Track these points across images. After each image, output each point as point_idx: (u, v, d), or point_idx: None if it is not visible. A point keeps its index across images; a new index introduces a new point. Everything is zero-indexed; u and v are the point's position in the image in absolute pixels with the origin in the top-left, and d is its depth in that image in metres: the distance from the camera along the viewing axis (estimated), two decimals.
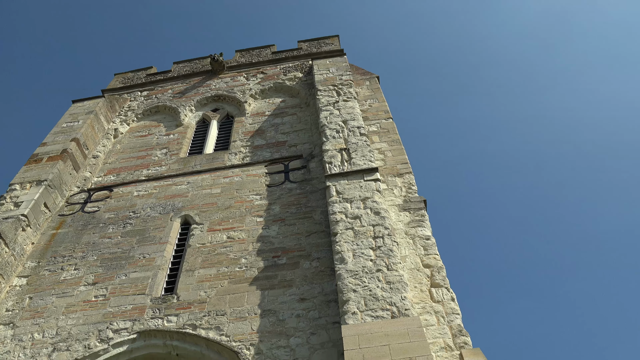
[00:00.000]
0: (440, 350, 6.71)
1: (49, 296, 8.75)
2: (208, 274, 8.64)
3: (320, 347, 7.15)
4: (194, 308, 8.06)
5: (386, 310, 6.79)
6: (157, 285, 8.65)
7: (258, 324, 7.61)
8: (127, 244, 9.64)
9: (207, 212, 10.08)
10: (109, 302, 8.44)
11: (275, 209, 9.84)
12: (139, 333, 7.83)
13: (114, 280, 8.85)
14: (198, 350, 7.51)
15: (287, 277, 8.32)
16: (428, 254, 8.17)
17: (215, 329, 7.64)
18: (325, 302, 7.77)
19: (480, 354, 6.61)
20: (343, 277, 7.40)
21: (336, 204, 8.79)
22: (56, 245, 9.90)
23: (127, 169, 12.05)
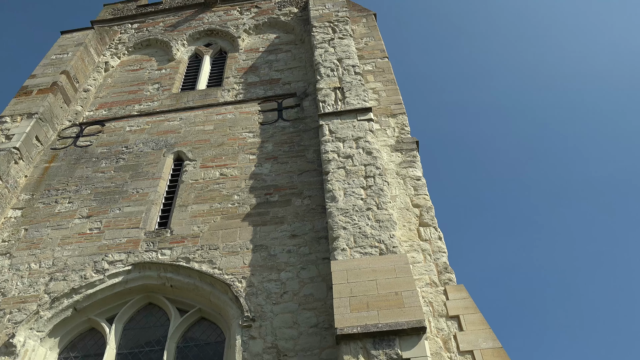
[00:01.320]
0: (425, 286, 6.96)
1: (44, 228, 8.89)
2: (201, 209, 8.77)
3: (309, 281, 7.40)
4: (188, 242, 8.24)
5: (375, 248, 6.99)
6: (151, 220, 8.79)
7: (250, 259, 7.82)
8: (121, 178, 9.70)
9: (200, 149, 10.11)
10: (104, 235, 8.60)
11: (268, 147, 9.87)
12: (134, 265, 8.04)
13: (108, 214, 8.97)
14: (192, 282, 7.74)
15: (279, 214, 8.47)
16: (418, 194, 8.30)
17: (208, 263, 7.85)
18: (316, 239, 7.96)
19: (463, 290, 6.88)
20: (334, 215, 7.55)
21: (329, 143, 8.82)
22: (49, 179, 9.95)
23: (119, 103, 11.93)
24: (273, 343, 6.76)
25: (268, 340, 6.80)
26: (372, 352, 5.55)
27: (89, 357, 7.47)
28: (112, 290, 7.88)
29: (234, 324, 7.08)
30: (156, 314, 7.87)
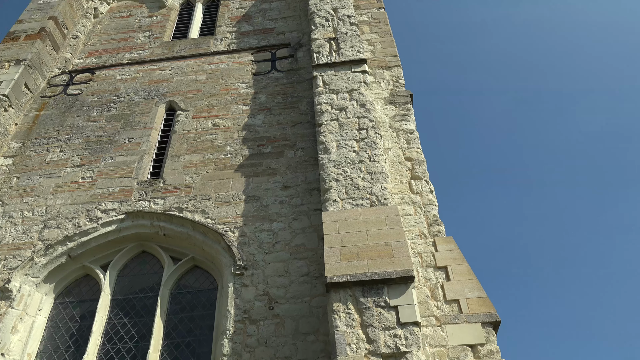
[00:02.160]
0: (415, 238, 7.08)
1: (36, 176, 8.88)
2: (193, 160, 8.77)
3: (301, 232, 7.51)
4: (180, 192, 8.28)
5: (366, 199, 7.06)
6: (144, 169, 8.79)
7: (242, 209, 7.89)
8: (112, 128, 9.63)
9: (192, 99, 10.01)
10: (96, 184, 8.61)
11: (261, 98, 9.79)
12: (127, 214, 8.10)
13: (100, 163, 8.96)
14: (184, 232, 7.83)
15: (272, 165, 8.50)
16: (410, 147, 8.32)
17: (201, 212, 7.92)
18: (308, 190, 8.03)
19: (452, 242, 7.01)
20: (326, 167, 7.58)
21: (322, 94, 8.75)
22: (40, 127, 9.86)
23: (109, 51, 11.70)
24: (265, 291, 6.92)
25: (260, 287, 6.96)
26: (361, 299, 5.71)
27: (84, 303, 7.63)
28: (106, 239, 7.97)
29: (227, 272, 7.22)
30: (150, 261, 8.00)
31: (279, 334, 6.50)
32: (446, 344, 5.95)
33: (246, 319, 6.67)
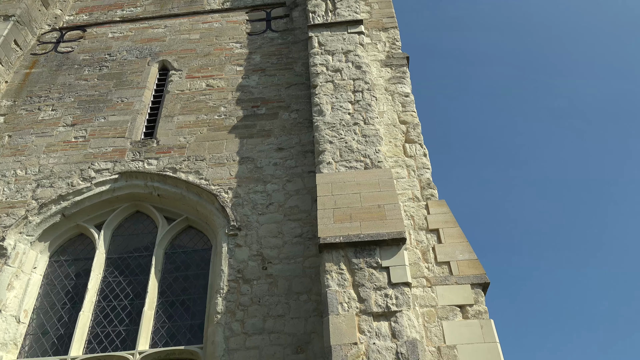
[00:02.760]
0: (408, 201, 7.14)
1: (29, 135, 8.80)
2: (187, 120, 8.71)
3: (295, 194, 7.54)
4: (174, 153, 8.25)
5: (360, 162, 7.07)
6: (137, 130, 8.73)
7: (236, 170, 7.89)
8: (104, 87, 9.51)
9: (185, 59, 9.86)
10: (89, 143, 8.56)
11: (255, 59, 9.66)
12: (121, 174, 8.08)
13: (92, 123, 8.88)
14: (178, 192, 7.85)
15: (266, 127, 8.46)
16: (406, 110, 8.29)
17: (195, 173, 7.91)
18: (302, 153, 8.02)
19: (444, 205, 7.07)
20: (320, 129, 7.56)
21: (318, 55, 8.64)
22: (31, 85, 9.72)
23: (100, 8, 11.43)
24: (258, 251, 7.00)
25: (253, 248, 7.03)
26: (354, 260, 5.79)
27: (79, 261, 7.70)
28: (100, 198, 7.98)
29: (221, 232, 7.28)
30: (144, 221, 8.04)
31: (272, 293, 6.61)
32: (436, 304, 6.08)
33: (240, 279, 6.76)
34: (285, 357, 6.10)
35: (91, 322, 7.01)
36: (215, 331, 6.35)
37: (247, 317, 6.43)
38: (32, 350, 6.89)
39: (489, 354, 5.67)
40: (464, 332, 5.84)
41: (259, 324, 6.37)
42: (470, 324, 5.91)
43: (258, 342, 6.24)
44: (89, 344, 6.83)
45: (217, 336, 6.30)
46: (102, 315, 7.08)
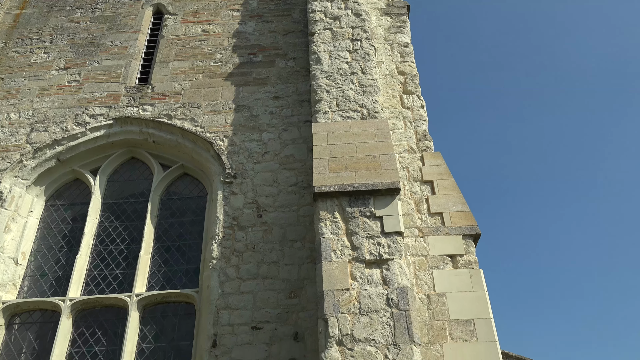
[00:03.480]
0: (403, 152, 7.15)
1: (21, 78, 8.66)
2: (182, 66, 8.57)
3: (291, 143, 7.53)
4: (169, 99, 8.17)
5: (356, 112, 7.03)
6: (131, 75, 8.60)
7: (232, 118, 7.84)
8: (98, 30, 9.29)
9: (180, 2, 9.60)
10: (83, 88, 8.44)
11: (252, 4, 9.42)
12: (115, 119, 8.02)
13: (86, 67, 8.73)
14: (174, 139, 7.82)
15: (262, 74, 8.34)
16: (404, 61, 8.17)
17: (190, 120, 7.86)
18: (299, 102, 7.96)
19: (439, 157, 7.09)
20: (317, 78, 7.47)
21: (316, 2, 8.43)
22: (22, 27, 9.48)
23: None
24: (253, 199, 7.05)
25: (249, 196, 7.08)
26: (348, 209, 5.85)
27: (75, 206, 7.74)
28: (95, 144, 7.95)
29: (216, 180, 7.31)
30: (139, 168, 8.04)
31: (267, 240, 6.72)
32: (427, 254, 6.20)
33: (235, 226, 6.84)
34: (278, 301, 6.26)
35: (88, 265, 7.13)
36: (211, 276, 6.48)
37: (241, 263, 6.55)
38: (30, 291, 7.03)
39: (477, 302, 5.84)
40: (453, 280, 5.99)
41: (254, 269, 6.50)
42: (460, 273, 6.05)
43: (252, 287, 6.38)
44: (87, 286, 6.97)
45: (213, 281, 6.44)
46: (99, 259, 7.19)
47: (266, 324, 6.12)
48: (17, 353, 6.58)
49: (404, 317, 5.12)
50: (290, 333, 6.04)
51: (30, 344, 6.65)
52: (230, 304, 6.27)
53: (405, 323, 5.08)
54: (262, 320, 6.15)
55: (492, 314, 5.84)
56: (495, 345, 5.60)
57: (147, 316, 6.67)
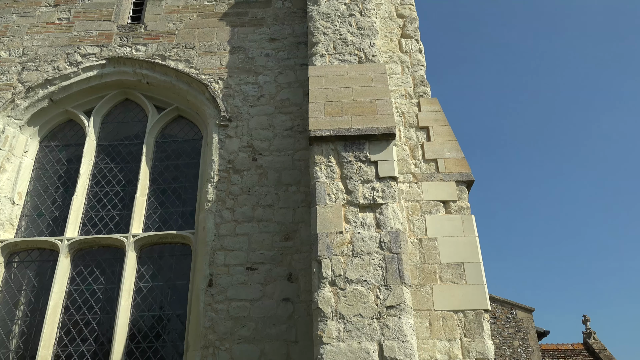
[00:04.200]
0: (400, 98, 7.09)
1: (9, 15, 8.41)
2: (176, 5, 8.33)
3: (287, 86, 7.44)
4: (163, 39, 7.99)
5: (354, 55, 6.92)
6: (123, 13, 8.37)
7: (227, 60, 7.71)
8: None
9: None
10: (74, 26, 8.22)
11: None
12: (108, 59, 7.87)
13: (76, 4, 8.47)
14: (168, 80, 7.71)
15: (258, 15, 8.13)
16: (404, 3, 7.96)
17: (185, 62, 7.72)
18: (295, 44, 7.80)
19: (436, 103, 7.05)
20: (315, 19, 7.29)
21: None
22: None
23: None
24: (249, 142, 7.04)
25: (244, 139, 7.07)
26: (343, 153, 5.86)
27: (69, 147, 7.72)
28: (88, 84, 7.83)
29: (211, 122, 7.26)
30: (133, 109, 7.97)
31: (262, 184, 6.76)
32: (420, 199, 6.27)
33: (230, 169, 6.87)
34: (273, 244, 6.37)
35: (85, 206, 7.19)
36: (206, 218, 6.56)
37: (237, 206, 6.62)
38: (28, 230, 7.12)
39: (468, 246, 5.96)
40: (445, 225, 6.09)
41: (249, 212, 6.57)
42: (452, 218, 6.14)
43: (247, 229, 6.48)
44: (84, 227, 7.05)
45: (208, 222, 6.52)
46: (95, 200, 7.24)
47: (261, 265, 6.26)
48: (18, 290, 6.74)
49: (396, 259, 5.24)
50: (285, 274, 6.19)
51: (30, 281, 6.80)
52: (226, 245, 6.39)
53: (396, 265, 5.20)
54: (257, 262, 6.28)
55: (481, 259, 5.99)
56: (483, 288, 5.77)
57: (144, 256, 6.80)
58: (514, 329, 14.07)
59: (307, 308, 5.92)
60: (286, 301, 6.04)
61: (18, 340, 6.47)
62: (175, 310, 6.45)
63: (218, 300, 6.09)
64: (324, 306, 5.04)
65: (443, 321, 5.57)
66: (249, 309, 6.03)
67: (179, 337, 6.29)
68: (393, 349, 4.83)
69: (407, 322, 4.97)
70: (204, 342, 5.88)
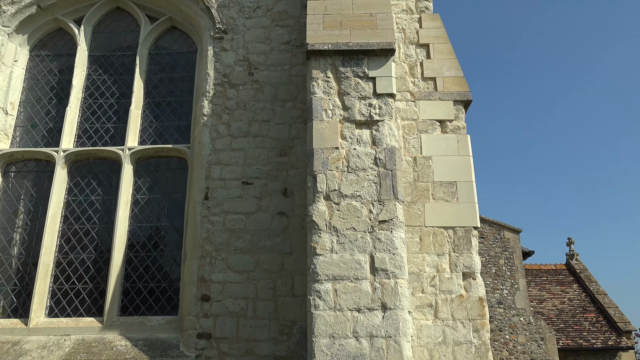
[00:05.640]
0: (401, 13, 6.87)
1: None
2: None
3: None
4: None
5: None
6: None
7: None
8: None
9: None
10: None
11: None
12: None
13: None
14: None
15: None
16: None
17: None
18: None
19: (438, 20, 6.85)
20: None
21: None
22: None
23: None
24: (245, 56, 6.89)
25: (240, 53, 6.90)
26: (341, 69, 5.75)
27: (60, 57, 7.53)
28: None
29: (206, 35, 7.06)
30: (125, 19, 7.69)
31: (258, 99, 6.69)
32: (417, 118, 6.26)
33: (226, 83, 6.76)
34: (269, 159, 6.41)
35: (79, 118, 7.13)
36: (202, 132, 6.55)
37: (232, 121, 6.59)
38: (23, 141, 7.10)
39: (462, 165, 6.03)
40: (440, 144, 6.12)
41: (245, 127, 6.56)
42: (447, 137, 6.16)
43: (243, 144, 6.50)
44: (79, 139, 7.04)
45: (204, 137, 6.52)
46: (89, 112, 7.17)
47: (256, 180, 6.33)
48: (16, 199, 6.83)
49: (390, 176, 5.30)
50: (280, 189, 6.29)
51: (28, 191, 6.88)
52: (222, 159, 6.42)
53: (390, 181, 5.28)
54: (252, 176, 6.35)
55: (474, 178, 6.08)
56: (474, 207, 5.90)
57: (140, 169, 6.84)
58: (500, 249, 14.57)
59: (302, 222, 6.07)
60: (281, 215, 6.18)
61: (20, 247, 6.64)
62: (173, 222, 6.59)
63: (214, 212, 6.21)
64: (318, 219, 5.17)
65: (433, 237, 5.74)
66: (245, 221, 6.17)
67: (176, 248, 6.48)
68: (384, 261, 5.01)
69: (399, 236, 5.12)
70: (201, 252, 6.07)
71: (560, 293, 18.97)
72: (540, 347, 13.60)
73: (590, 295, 18.65)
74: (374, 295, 4.91)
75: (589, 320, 17.62)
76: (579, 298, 18.64)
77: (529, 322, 13.81)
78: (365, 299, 4.90)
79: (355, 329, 4.82)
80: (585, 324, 17.42)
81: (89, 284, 6.40)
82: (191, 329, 5.81)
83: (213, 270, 6.00)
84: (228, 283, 5.95)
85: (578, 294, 18.87)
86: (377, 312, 4.86)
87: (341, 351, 4.75)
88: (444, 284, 5.56)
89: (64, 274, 6.44)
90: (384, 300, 4.89)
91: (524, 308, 14.01)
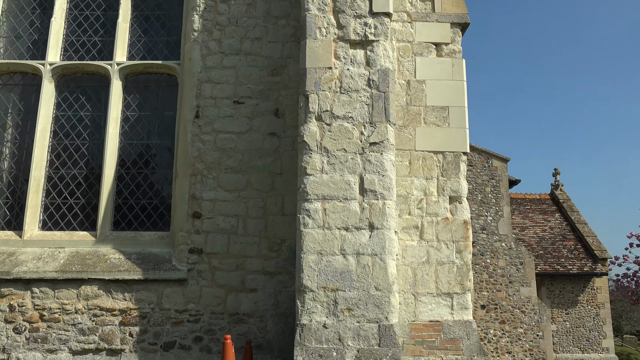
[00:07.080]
0: None
1: None
2: None
3: None
4: None
5: None
6: None
7: None
8: None
9: None
10: None
11: None
12: None
13: None
14: None
15: None
16: None
17: None
18: None
19: None
20: None
21: None
22: None
23: None
24: None
25: None
26: None
27: None
28: None
29: None
30: None
31: (250, 15, 6.48)
32: (413, 40, 6.13)
33: None
34: (260, 78, 6.32)
35: (65, 30, 6.89)
36: (192, 48, 6.39)
37: (224, 37, 6.42)
38: (7, 52, 6.89)
39: (455, 90, 6.00)
40: (435, 68, 6.05)
41: (236, 44, 6.40)
42: (442, 61, 6.08)
43: (235, 62, 6.37)
44: (65, 52, 6.84)
45: (194, 53, 6.37)
46: (75, 24, 6.93)
47: (248, 99, 6.27)
48: (4, 112, 6.74)
49: (383, 98, 5.27)
50: (272, 109, 6.24)
51: (15, 105, 6.77)
52: (213, 77, 6.32)
53: (383, 104, 5.26)
54: (244, 96, 6.28)
55: (467, 104, 6.06)
56: (464, 132, 5.93)
57: (129, 85, 6.72)
58: (487, 177, 14.78)
59: (293, 143, 6.09)
60: (272, 135, 6.18)
61: (10, 161, 6.63)
62: (163, 140, 6.57)
63: (205, 131, 6.20)
64: (309, 140, 5.18)
65: (423, 161, 5.80)
66: (236, 141, 6.17)
67: (167, 166, 6.51)
68: (373, 182, 5.09)
69: (389, 159, 5.17)
70: (192, 170, 6.11)
71: (542, 221, 19.51)
72: (519, 270, 14.17)
73: (571, 224, 19.20)
74: (362, 215, 5.03)
75: (567, 247, 18.26)
76: (560, 227, 19.21)
77: (510, 248, 14.30)
78: (354, 219, 5.02)
79: (343, 247, 4.98)
80: (563, 251, 18.07)
81: (81, 199, 6.47)
82: (183, 244, 5.97)
83: (204, 188, 6.07)
84: (219, 201, 6.05)
85: (559, 223, 19.43)
86: (364, 231, 5.01)
87: (328, 267, 4.93)
88: (430, 206, 5.69)
89: (56, 189, 6.48)
90: (372, 220, 5.02)
91: (506, 234, 14.45)
